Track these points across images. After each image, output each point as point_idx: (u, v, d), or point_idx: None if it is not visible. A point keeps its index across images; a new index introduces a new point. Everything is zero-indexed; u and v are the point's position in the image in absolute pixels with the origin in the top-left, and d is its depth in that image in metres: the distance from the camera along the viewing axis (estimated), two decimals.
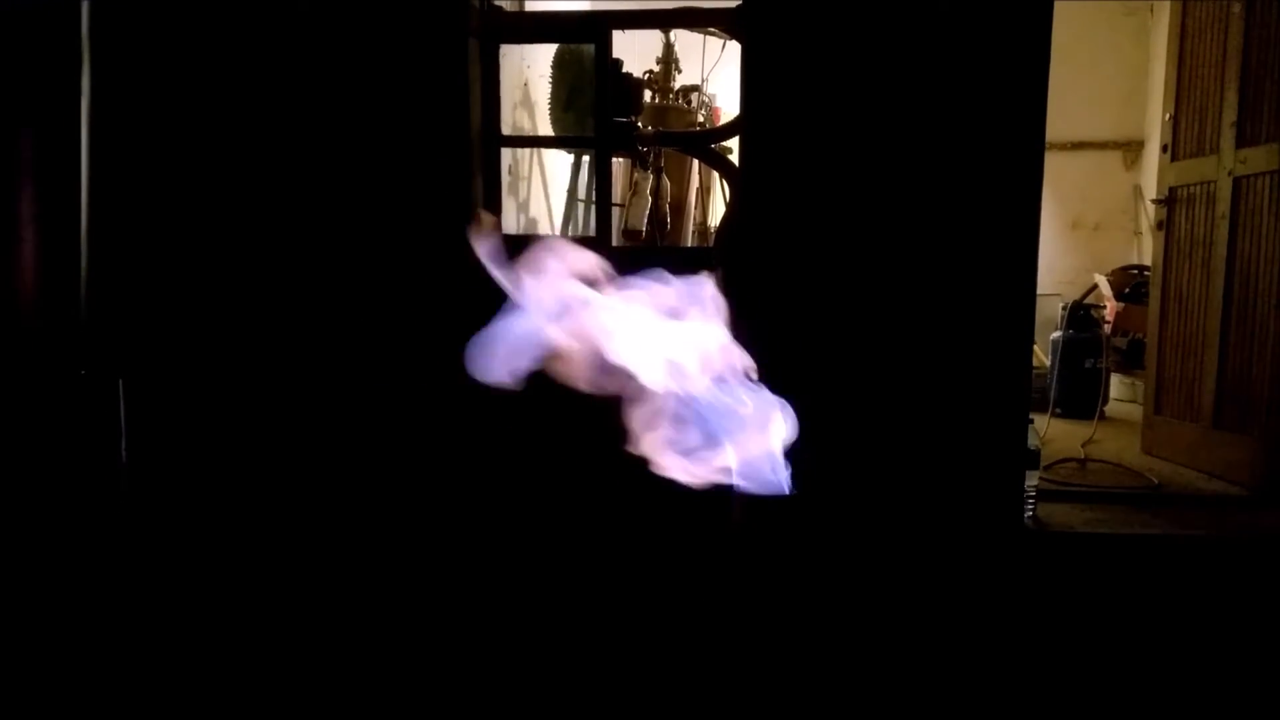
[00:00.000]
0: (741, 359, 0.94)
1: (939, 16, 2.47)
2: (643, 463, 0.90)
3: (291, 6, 2.66)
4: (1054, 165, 3.14)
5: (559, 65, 3.66)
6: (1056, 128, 2.71)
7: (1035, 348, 4.11)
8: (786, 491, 0.88)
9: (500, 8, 2.90)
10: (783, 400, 0.92)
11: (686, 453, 0.87)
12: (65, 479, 2.46)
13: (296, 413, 2.72)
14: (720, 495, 0.91)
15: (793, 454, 0.92)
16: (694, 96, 4.51)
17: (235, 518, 2.69)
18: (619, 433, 0.92)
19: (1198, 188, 3.46)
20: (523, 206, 4.79)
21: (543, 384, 0.91)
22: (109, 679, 2.39)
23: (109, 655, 2.41)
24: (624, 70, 3.35)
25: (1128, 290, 4.80)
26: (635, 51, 4.56)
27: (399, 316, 2.68)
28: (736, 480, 0.87)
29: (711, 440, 0.87)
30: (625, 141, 3.25)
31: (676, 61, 4.49)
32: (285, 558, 2.67)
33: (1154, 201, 3.80)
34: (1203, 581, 2.62)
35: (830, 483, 2.47)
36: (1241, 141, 3.22)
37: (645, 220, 3.97)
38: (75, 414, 2.45)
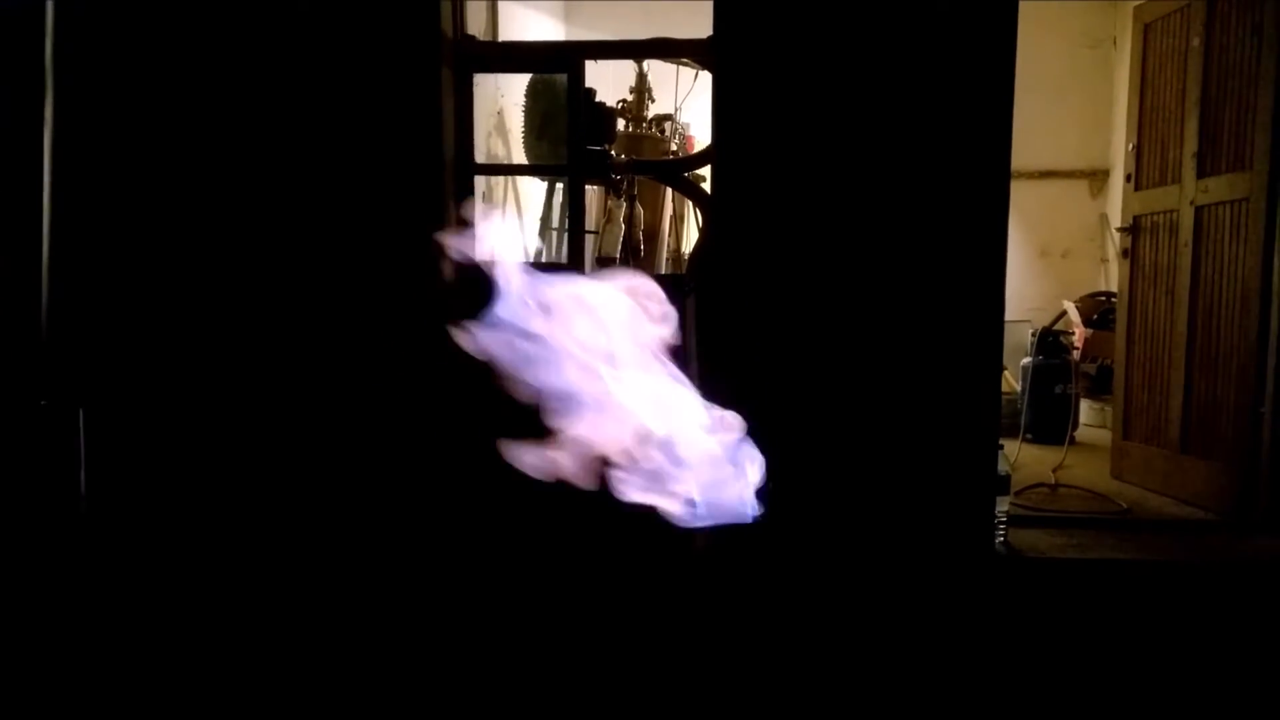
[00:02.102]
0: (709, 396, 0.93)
1: (905, 48, 2.52)
2: (604, 489, 0.89)
3: (264, 41, 2.66)
4: (1022, 194, 3.19)
5: (533, 94, 3.68)
6: (1025, 157, 2.76)
7: (1005, 374, 4.15)
8: (749, 520, 0.87)
9: (473, 37, 2.92)
10: (752, 444, 0.92)
11: (648, 480, 0.86)
12: (25, 510, 2.40)
13: (260, 447, 2.68)
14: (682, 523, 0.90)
15: (761, 481, 0.91)
16: (667, 125, 4.54)
17: (194, 548, 2.64)
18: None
19: (1161, 216, 3.53)
20: None
21: (509, 406, 0.91)
22: (73, 709, 2.33)
23: (70, 684, 2.35)
24: (597, 99, 3.37)
25: (1096, 317, 4.86)
26: (609, 80, 4.60)
27: (369, 354, 2.66)
28: (699, 509, 0.86)
29: (674, 468, 0.86)
30: (599, 169, 3.27)
31: (649, 91, 4.53)
32: (246, 588, 2.62)
33: (1119, 230, 3.87)
34: (1172, 606, 2.63)
35: (800, 509, 2.47)
36: (1202, 171, 3.28)
37: (619, 247, 3.98)
38: (35, 445, 2.40)
